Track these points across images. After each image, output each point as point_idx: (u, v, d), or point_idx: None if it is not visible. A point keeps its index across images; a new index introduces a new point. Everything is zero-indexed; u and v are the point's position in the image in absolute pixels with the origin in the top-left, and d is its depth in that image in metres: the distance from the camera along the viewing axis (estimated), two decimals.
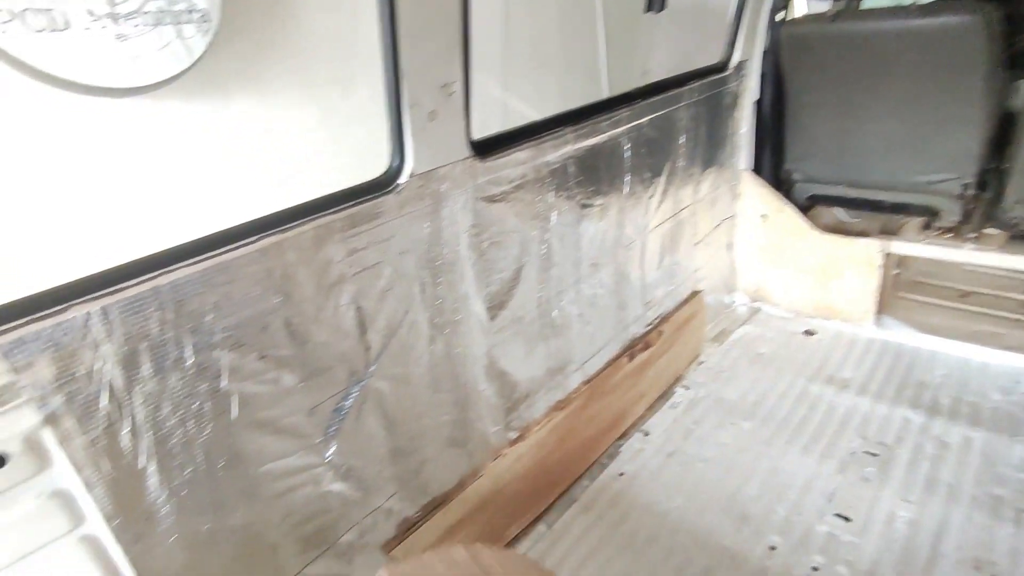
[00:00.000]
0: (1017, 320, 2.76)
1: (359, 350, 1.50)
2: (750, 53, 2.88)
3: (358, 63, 1.49)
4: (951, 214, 2.75)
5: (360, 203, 1.40)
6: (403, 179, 1.48)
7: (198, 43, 1.34)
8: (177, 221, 1.24)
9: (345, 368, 1.48)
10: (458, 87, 1.53)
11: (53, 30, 1.14)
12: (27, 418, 1.00)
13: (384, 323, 1.54)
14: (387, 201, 1.45)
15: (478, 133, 1.67)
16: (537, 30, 2.27)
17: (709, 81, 2.70)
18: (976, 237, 2.68)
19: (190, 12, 1.31)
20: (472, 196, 1.69)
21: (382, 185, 1.46)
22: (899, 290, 3.07)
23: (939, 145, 2.59)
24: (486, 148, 1.70)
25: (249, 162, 1.39)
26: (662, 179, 2.52)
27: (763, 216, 3.13)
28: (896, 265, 3.02)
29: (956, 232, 2.77)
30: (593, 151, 2.10)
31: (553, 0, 2.31)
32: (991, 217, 2.70)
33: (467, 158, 1.63)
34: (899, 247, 2.81)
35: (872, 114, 2.64)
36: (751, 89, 2.97)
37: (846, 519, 2.00)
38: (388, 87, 1.40)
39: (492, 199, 1.76)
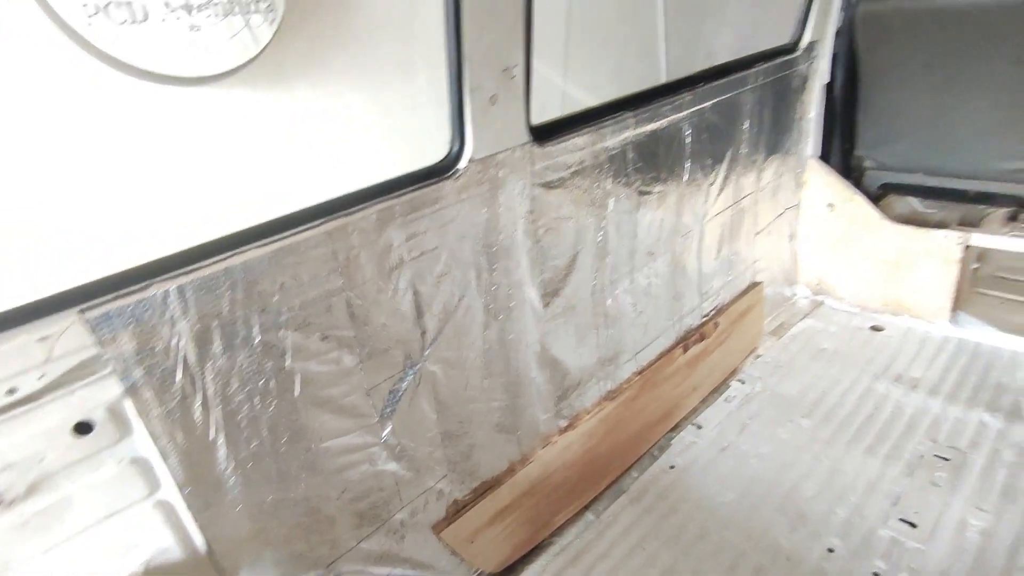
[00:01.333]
0: None
1: (415, 334, 1.52)
2: (822, 33, 2.72)
3: (421, 48, 1.49)
4: None
5: (420, 188, 1.41)
6: (463, 164, 1.48)
7: (264, 32, 1.37)
8: (248, 205, 1.28)
9: (402, 351, 1.50)
10: (519, 71, 1.51)
11: (133, 22, 1.19)
12: (111, 389, 1.06)
13: (440, 308, 1.55)
14: (446, 186, 1.45)
15: (537, 118, 1.65)
16: (597, 12, 2.21)
17: (777, 63, 2.57)
18: None
19: (258, 2, 1.35)
20: (530, 182, 1.67)
21: (442, 170, 1.46)
22: (978, 286, 2.88)
23: None
24: (545, 133, 1.68)
25: (315, 148, 1.42)
26: (723, 166, 2.43)
27: (830, 206, 2.98)
28: (976, 259, 2.83)
29: None
30: (653, 136, 2.04)
31: None
32: None
33: (526, 143, 1.61)
34: (980, 240, 2.62)
35: (961, 96, 2.45)
36: (821, 71, 2.81)
37: (912, 525, 1.90)
38: (451, 70, 1.39)
39: (549, 185, 1.74)
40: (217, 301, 1.15)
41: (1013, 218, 2.71)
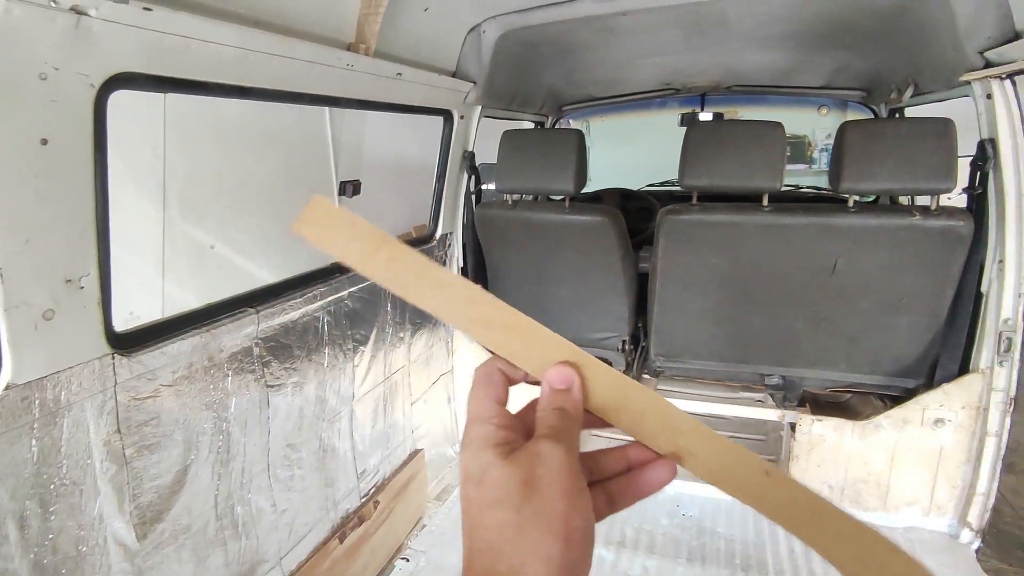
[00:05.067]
0: None
1: None
2: (452, 227, 3.23)
3: None
4: (618, 364, 3.31)
5: None
6: None
7: None
8: None
9: None
10: (90, 280, 1.35)
11: None
12: None
13: None
14: None
15: (125, 324, 1.48)
16: (221, 210, 2.21)
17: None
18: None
19: None
20: (113, 397, 1.45)
21: None
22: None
23: (601, 309, 3.16)
24: (136, 340, 1.50)
25: None
26: (368, 347, 2.54)
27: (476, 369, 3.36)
28: None
29: None
30: (285, 329, 2.03)
31: (239, 180, 2.30)
32: (645, 366, 3.32)
33: (105, 356, 1.41)
34: None
35: (552, 282, 3.13)
36: (456, 257, 3.30)
37: None
38: None
39: (145, 397, 1.53)
40: None
41: None
